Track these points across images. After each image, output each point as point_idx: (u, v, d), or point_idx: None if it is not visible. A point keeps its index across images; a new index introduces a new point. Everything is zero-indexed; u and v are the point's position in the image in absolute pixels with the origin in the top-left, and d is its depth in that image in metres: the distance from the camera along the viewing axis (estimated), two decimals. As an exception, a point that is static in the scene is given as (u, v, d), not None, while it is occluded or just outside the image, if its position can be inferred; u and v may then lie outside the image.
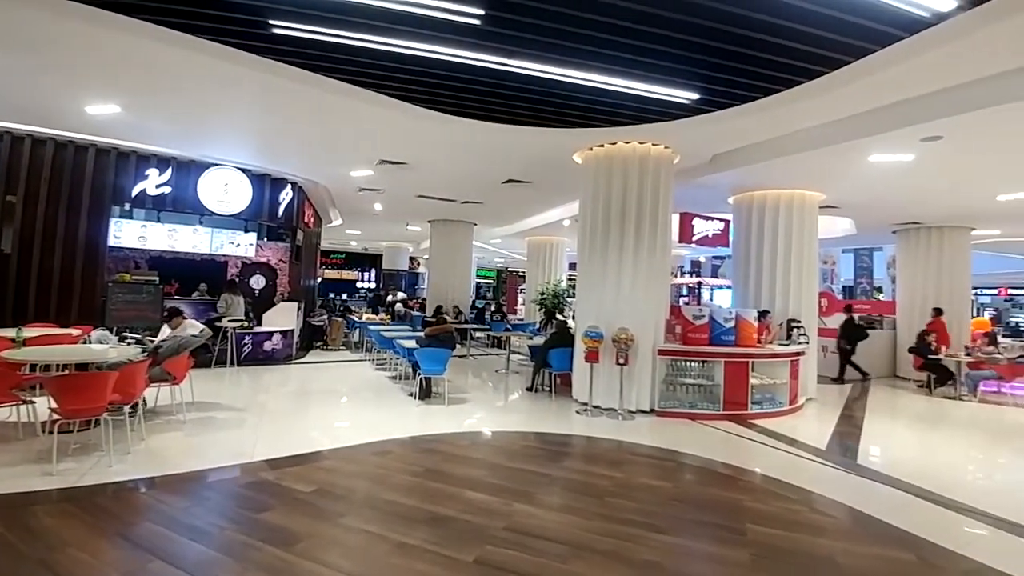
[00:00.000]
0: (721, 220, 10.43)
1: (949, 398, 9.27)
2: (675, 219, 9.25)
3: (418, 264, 27.58)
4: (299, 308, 11.13)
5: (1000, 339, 11.45)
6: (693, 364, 7.19)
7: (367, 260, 28.69)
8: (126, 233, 9.49)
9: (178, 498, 3.80)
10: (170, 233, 10.03)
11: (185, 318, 6.32)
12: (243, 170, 9.60)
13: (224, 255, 10.78)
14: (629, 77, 5.25)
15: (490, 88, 5.64)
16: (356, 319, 13.53)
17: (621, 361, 6.79)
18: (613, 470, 4.90)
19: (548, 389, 8.23)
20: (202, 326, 6.34)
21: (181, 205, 9.25)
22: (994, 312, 21.09)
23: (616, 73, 5.17)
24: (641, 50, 4.66)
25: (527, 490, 4.23)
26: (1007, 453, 6.19)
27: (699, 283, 15.38)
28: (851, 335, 10.51)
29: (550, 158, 8.04)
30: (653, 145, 7.20)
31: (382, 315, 13.90)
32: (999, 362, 9.38)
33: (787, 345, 7.86)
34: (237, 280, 10.64)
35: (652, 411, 7.03)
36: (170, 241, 10.01)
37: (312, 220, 12.79)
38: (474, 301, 18.36)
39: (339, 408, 7.07)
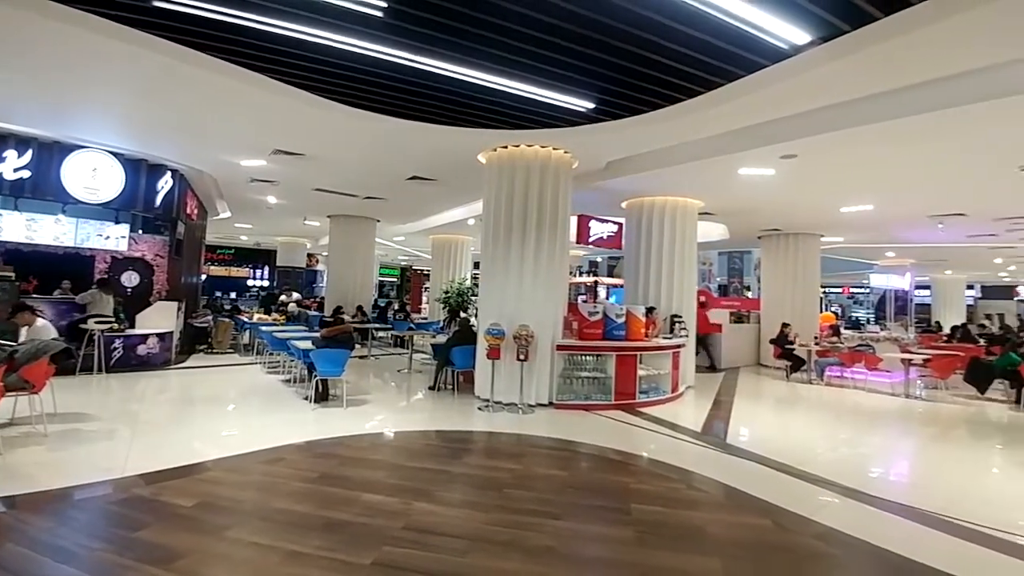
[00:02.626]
0: (615, 223, 11.08)
1: (802, 383, 10.62)
2: (573, 221, 9.71)
3: (316, 261, 26.25)
4: (179, 308, 10.20)
5: (843, 331, 13.34)
6: (588, 358, 7.60)
7: (260, 256, 26.76)
8: (-24, 223, 8.20)
9: (41, 518, 3.41)
10: (28, 223, 8.77)
11: (37, 315, 5.60)
12: (115, 154, 8.62)
13: (91, 249, 9.60)
14: (530, 82, 5.44)
15: (395, 83, 5.57)
16: (246, 319, 12.64)
17: (521, 357, 7.01)
18: (512, 463, 5.06)
19: (451, 387, 8.27)
20: (54, 332, 5.65)
21: (42, 192, 8.17)
22: (839, 307, 24.43)
23: (518, 77, 5.33)
24: (541, 57, 4.86)
25: (427, 488, 4.25)
26: (848, 429, 7.22)
27: (595, 282, 16.21)
28: None
29: (455, 157, 8.08)
30: (554, 149, 7.50)
31: (275, 315, 13.10)
32: (841, 350, 10.91)
33: (670, 338, 8.58)
34: (108, 277, 9.52)
35: (551, 404, 7.33)
36: (28, 232, 8.76)
37: (196, 212, 11.75)
38: (376, 300, 17.90)
39: (225, 416, 6.59)
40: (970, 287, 25.42)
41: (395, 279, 31.45)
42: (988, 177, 7.61)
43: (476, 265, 15.82)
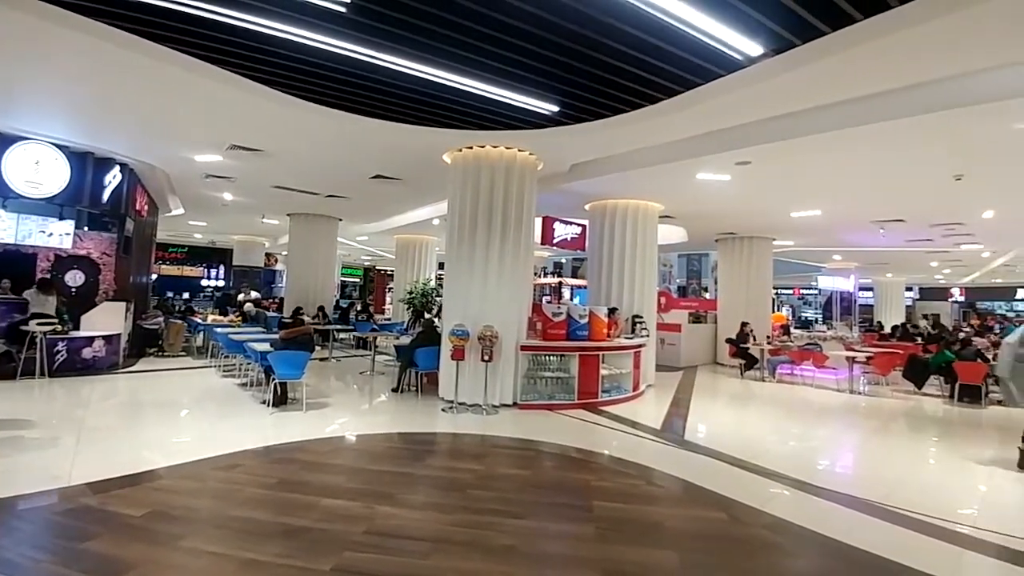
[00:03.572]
0: (579, 225, 11.23)
1: (756, 380, 11.03)
2: (538, 222, 9.80)
3: (275, 261, 25.52)
4: (128, 309, 9.76)
5: (793, 330, 13.92)
6: (552, 358, 7.69)
7: (215, 255, 25.79)
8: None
9: (-21, 531, 3.23)
10: (-34, 219, 8.27)
11: None
12: (59, 146, 8.18)
13: (33, 246, 9.09)
14: (495, 83, 5.46)
15: (359, 80, 5.49)
16: (200, 321, 12.20)
17: (486, 358, 7.02)
18: (475, 463, 5.08)
19: (415, 389, 8.21)
20: None
21: (-20, 186, 7.68)
22: (789, 308, 25.49)
23: (482, 78, 5.35)
24: (504, 59, 4.89)
25: (389, 491, 4.22)
26: (797, 424, 7.55)
27: (560, 283, 16.39)
28: None
29: (420, 156, 8.02)
30: (519, 151, 7.54)
31: (232, 316, 12.68)
32: (792, 349, 11.39)
33: (632, 338, 8.76)
34: (51, 276, 9.01)
35: (515, 404, 7.37)
36: (-35, 228, 8.26)
37: (146, 208, 11.26)
38: (338, 300, 17.54)
39: (177, 421, 6.35)
40: (909, 289, 26.93)
41: (358, 279, 30.91)
42: (926, 185, 8.09)
43: (441, 265, 15.73)
